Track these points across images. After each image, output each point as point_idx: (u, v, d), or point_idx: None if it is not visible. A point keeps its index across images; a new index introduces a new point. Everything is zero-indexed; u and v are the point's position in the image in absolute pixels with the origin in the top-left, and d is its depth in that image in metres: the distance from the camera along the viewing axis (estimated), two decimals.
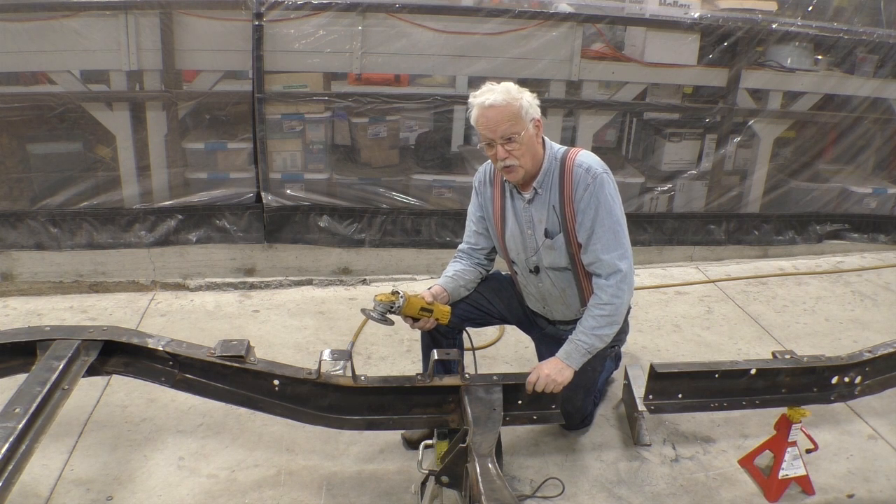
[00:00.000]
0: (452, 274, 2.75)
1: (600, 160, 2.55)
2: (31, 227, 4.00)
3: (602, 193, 2.46)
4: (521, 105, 2.39)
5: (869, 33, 4.64)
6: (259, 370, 2.34)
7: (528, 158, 2.46)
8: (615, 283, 2.48)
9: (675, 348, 3.69)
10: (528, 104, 2.41)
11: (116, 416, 2.97)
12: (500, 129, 2.39)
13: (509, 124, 2.38)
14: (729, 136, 4.63)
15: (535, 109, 2.44)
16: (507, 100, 2.37)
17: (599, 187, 2.46)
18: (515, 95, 2.39)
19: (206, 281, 4.20)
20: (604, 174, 2.48)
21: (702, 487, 2.71)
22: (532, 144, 2.46)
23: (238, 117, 4.15)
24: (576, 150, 2.56)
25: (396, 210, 4.32)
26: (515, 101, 2.38)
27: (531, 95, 2.45)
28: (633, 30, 4.42)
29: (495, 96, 2.37)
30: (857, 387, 2.70)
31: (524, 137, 2.41)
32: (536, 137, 2.48)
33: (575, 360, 2.50)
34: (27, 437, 1.84)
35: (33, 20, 3.69)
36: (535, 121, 2.45)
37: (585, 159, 2.51)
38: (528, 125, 2.42)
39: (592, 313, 2.51)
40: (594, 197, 2.46)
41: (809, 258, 4.97)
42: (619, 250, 2.49)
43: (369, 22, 3.94)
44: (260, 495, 2.57)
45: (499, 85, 2.42)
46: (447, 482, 2.23)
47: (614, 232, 2.48)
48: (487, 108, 2.38)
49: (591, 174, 2.47)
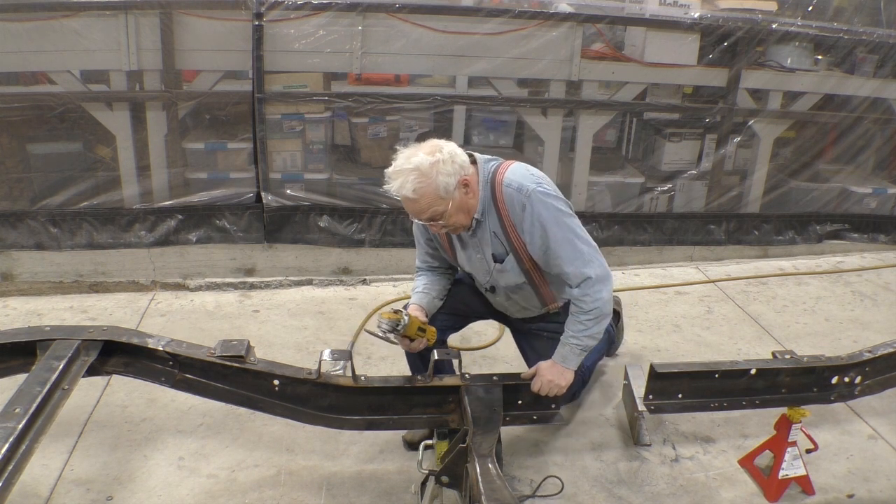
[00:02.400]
0: (423, 288, 2.69)
1: (529, 170, 2.42)
2: (31, 227, 4.00)
3: (542, 209, 2.34)
4: (438, 185, 2.25)
5: (869, 33, 4.64)
6: (259, 370, 2.34)
7: (462, 216, 2.38)
8: (589, 289, 2.38)
9: (675, 348, 3.69)
10: (448, 176, 2.26)
11: (116, 416, 2.97)
12: (423, 216, 2.33)
13: (431, 210, 2.30)
14: (729, 136, 4.63)
15: (455, 175, 2.28)
16: (420, 189, 2.24)
17: (537, 204, 2.33)
18: (429, 176, 2.24)
19: (206, 281, 4.20)
20: (535, 189, 2.34)
21: (702, 487, 2.71)
22: (462, 204, 2.36)
23: (238, 117, 4.15)
24: (504, 168, 2.41)
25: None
26: (430, 186, 2.25)
27: (450, 154, 2.28)
28: (633, 30, 4.42)
29: (408, 187, 2.24)
30: (857, 387, 2.70)
31: (451, 209, 2.32)
32: (467, 194, 2.36)
33: (572, 361, 2.49)
34: (27, 437, 1.84)
35: (33, 20, 3.69)
36: (461, 182, 2.32)
37: (513, 177, 2.37)
38: (453, 195, 2.30)
39: (578, 319, 2.44)
40: (535, 216, 2.35)
41: (809, 258, 4.97)
42: (580, 258, 2.37)
43: (369, 22, 3.94)
44: (260, 495, 2.57)
45: (411, 161, 2.26)
46: (447, 482, 2.23)
47: (569, 242, 2.37)
48: (403, 199, 2.30)
49: (522, 193, 2.34)
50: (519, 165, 2.44)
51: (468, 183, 2.34)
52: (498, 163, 2.46)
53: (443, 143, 2.34)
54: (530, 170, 2.44)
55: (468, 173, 2.35)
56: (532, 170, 2.44)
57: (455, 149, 2.35)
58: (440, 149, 2.30)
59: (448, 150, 2.31)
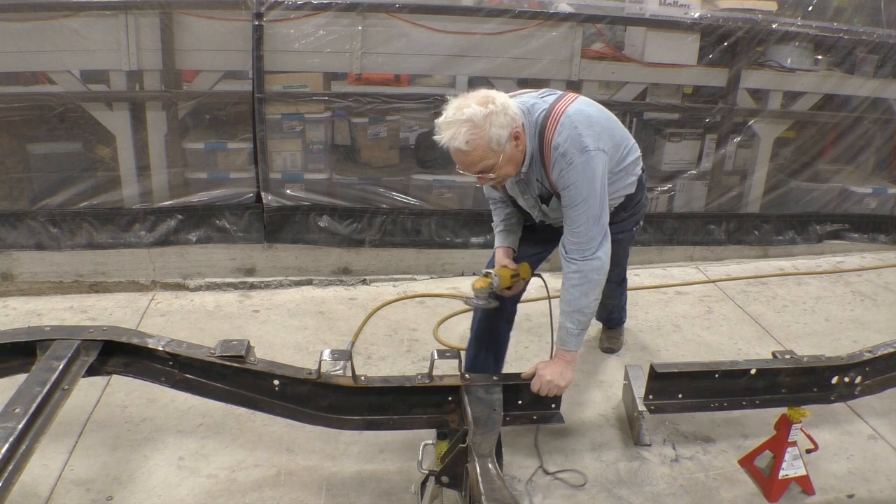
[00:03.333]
0: (502, 225, 2.80)
1: (577, 128, 2.33)
2: (31, 227, 4.00)
3: (579, 179, 2.33)
4: (491, 137, 2.21)
5: (869, 33, 4.63)
6: (259, 370, 2.34)
7: (511, 167, 2.37)
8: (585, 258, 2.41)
9: (675, 348, 3.69)
10: (501, 128, 2.22)
11: (116, 416, 2.97)
12: (473, 168, 2.30)
13: (482, 163, 2.27)
14: (729, 136, 4.63)
15: (508, 126, 2.25)
16: (473, 140, 2.19)
17: (578, 173, 2.33)
18: (482, 128, 2.19)
19: (206, 281, 4.20)
20: (577, 160, 2.31)
21: (702, 487, 2.71)
22: (513, 157, 2.34)
23: (238, 117, 4.14)
24: (554, 119, 2.35)
25: (396, 210, 4.32)
26: (483, 138, 2.20)
27: (502, 106, 2.23)
28: (633, 30, 4.41)
29: (460, 139, 2.19)
30: (857, 387, 2.70)
31: (502, 161, 2.29)
32: (518, 146, 2.33)
33: (573, 343, 2.49)
34: (27, 437, 1.83)
35: (33, 20, 3.69)
36: (513, 135, 2.28)
37: (559, 139, 2.33)
38: (505, 148, 2.27)
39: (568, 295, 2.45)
40: (573, 183, 2.35)
41: (809, 258, 4.97)
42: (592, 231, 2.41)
43: (369, 22, 3.94)
44: (260, 495, 2.57)
45: (463, 112, 2.19)
46: (447, 482, 2.23)
47: (586, 218, 2.38)
48: (454, 151, 2.25)
49: (566, 159, 2.32)
50: (568, 120, 2.34)
51: (519, 136, 2.31)
52: (547, 110, 2.37)
53: (494, 94, 2.29)
54: (578, 124, 2.34)
55: (518, 125, 2.31)
56: (579, 120, 2.35)
57: (507, 100, 2.30)
58: (493, 100, 2.24)
59: (500, 102, 2.25)
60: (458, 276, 4.47)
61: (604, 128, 2.44)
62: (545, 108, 2.39)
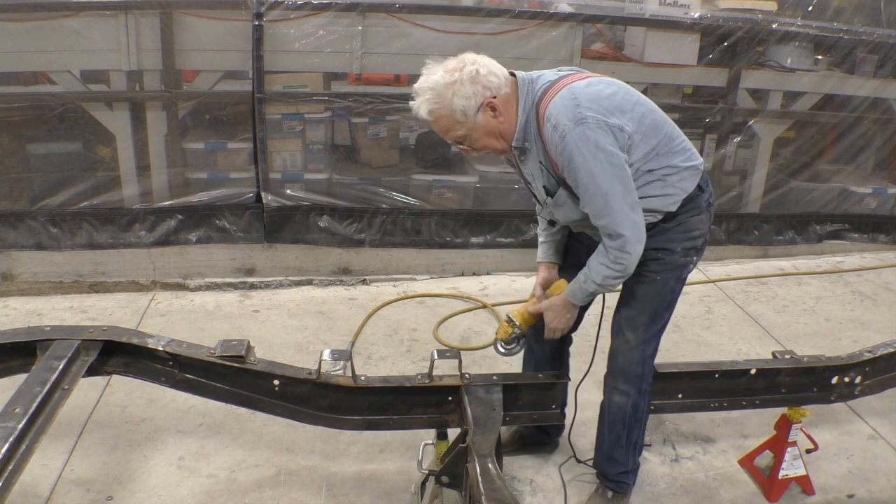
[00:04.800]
0: (545, 235, 2.49)
1: (577, 98, 2.03)
2: (31, 227, 3.99)
3: (574, 153, 2.01)
4: (454, 107, 2.03)
5: (869, 33, 4.64)
6: (259, 370, 2.34)
7: (492, 140, 2.13)
8: (619, 247, 2.10)
9: (675, 348, 3.69)
10: (465, 98, 2.02)
11: (116, 416, 2.97)
12: (445, 136, 2.14)
13: (451, 134, 2.10)
14: (729, 136, 4.63)
15: (476, 97, 2.03)
16: (435, 110, 2.04)
17: (570, 147, 2.01)
18: (444, 97, 2.03)
19: (206, 281, 4.20)
20: (571, 129, 1.99)
21: (702, 487, 2.71)
22: (490, 128, 2.09)
23: (238, 117, 4.15)
24: (551, 94, 2.08)
25: (396, 210, 4.32)
26: (445, 108, 2.03)
27: (471, 74, 2.02)
28: (633, 30, 4.42)
29: (423, 108, 2.05)
30: (857, 387, 2.70)
31: (475, 131, 2.09)
32: (496, 117, 2.08)
33: (578, 297, 2.29)
34: (27, 437, 1.83)
35: (33, 20, 3.69)
36: (486, 104, 2.05)
37: (553, 110, 2.04)
38: (475, 118, 2.05)
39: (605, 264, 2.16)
40: (568, 160, 2.04)
41: (809, 258, 4.97)
42: (609, 216, 2.07)
43: (369, 22, 3.94)
44: (260, 495, 2.57)
45: (429, 79, 2.04)
46: (447, 482, 2.22)
47: (601, 196, 2.05)
48: (421, 120, 2.10)
49: (558, 132, 2.02)
50: (568, 91, 2.06)
51: (495, 106, 2.06)
52: (553, 81, 2.12)
53: (469, 60, 2.07)
54: (579, 96, 2.04)
55: (498, 94, 2.07)
56: (583, 94, 2.05)
57: (482, 67, 2.06)
58: (462, 67, 2.05)
59: (471, 69, 2.04)
60: (458, 276, 4.47)
61: (619, 107, 2.07)
62: (552, 79, 2.14)
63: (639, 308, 2.35)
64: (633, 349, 2.38)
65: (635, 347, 2.37)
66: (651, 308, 2.34)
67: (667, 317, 2.40)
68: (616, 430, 2.48)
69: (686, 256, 2.30)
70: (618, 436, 2.47)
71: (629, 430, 2.46)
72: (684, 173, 2.21)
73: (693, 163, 2.23)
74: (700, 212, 2.28)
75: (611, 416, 2.49)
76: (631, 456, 2.52)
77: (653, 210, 2.20)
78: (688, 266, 2.33)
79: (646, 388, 2.44)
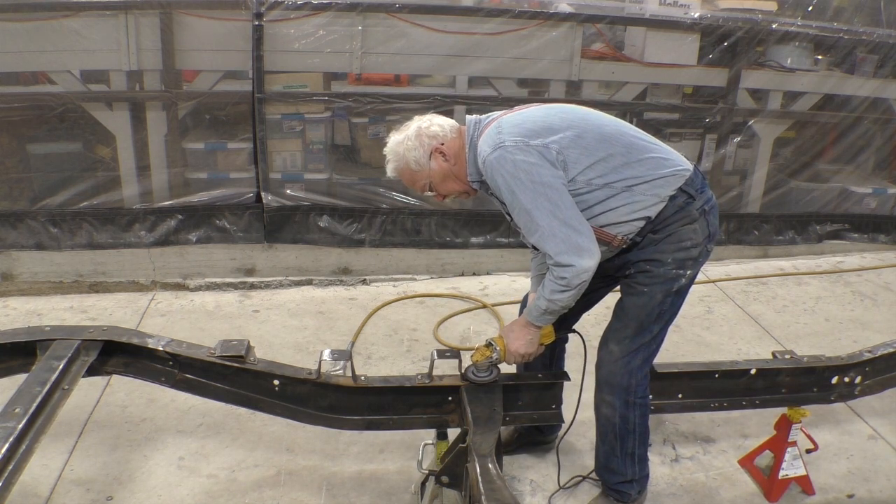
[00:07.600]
0: (538, 270, 2.55)
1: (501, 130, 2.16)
2: (31, 227, 4.00)
3: (497, 177, 2.13)
4: (408, 161, 2.26)
5: (869, 33, 4.64)
6: (259, 370, 2.34)
7: (453, 183, 2.31)
8: (554, 264, 2.14)
9: (675, 348, 3.69)
10: (414, 150, 2.25)
11: (116, 416, 2.97)
12: (415, 188, 2.38)
13: (417, 184, 2.33)
14: (729, 136, 4.63)
15: (422, 147, 2.24)
16: (398, 168, 2.31)
17: (493, 172, 2.14)
18: (399, 155, 2.28)
19: (206, 281, 4.20)
20: (489, 156, 2.14)
21: (702, 487, 2.71)
22: (444, 172, 2.28)
23: (238, 117, 4.15)
24: (485, 128, 2.24)
25: (396, 210, 4.32)
26: (402, 163, 2.28)
27: (416, 130, 2.26)
28: (633, 30, 4.42)
29: (389, 167, 2.33)
30: (857, 387, 2.70)
31: (433, 177, 2.29)
32: (447, 161, 2.27)
33: (533, 315, 2.30)
34: (27, 437, 1.83)
35: (33, 20, 3.70)
36: (435, 151, 2.25)
37: (481, 143, 2.20)
38: (428, 166, 2.26)
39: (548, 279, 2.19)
40: (493, 184, 2.18)
41: (809, 258, 4.97)
42: (537, 232, 2.13)
43: (369, 22, 3.94)
44: (260, 495, 2.57)
45: (388, 145, 2.31)
46: (447, 482, 2.22)
47: (527, 213, 2.12)
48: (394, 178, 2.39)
49: (481, 160, 2.18)
50: (496, 123, 2.21)
51: (443, 152, 2.26)
52: (491, 120, 2.28)
53: (416, 119, 2.33)
54: (503, 125, 2.18)
55: (445, 141, 2.27)
56: (507, 122, 2.20)
57: (424, 122, 2.29)
58: (408, 127, 2.32)
59: (415, 126, 2.29)
60: (458, 276, 4.47)
61: (548, 128, 2.16)
62: (494, 116, 2.30)
63: (625, 320, 2.35)
64: (616, 361, 2.37)
65: (619, 359, 2.36)
66: (637, 320, 2.32)
67: (656, 329, 2.35)
68: (608, 440, 2.46)
69: (679, 269, 2.26)
70: (611, 446, 2.46)
71: (622, 441, 2.43)
72: (657, 182, 2.21)
73: (666, 170, 2.23)
74: (691, 221, 2.24)
75: (601, 427, 2.48)
76: (630, 466, 2.47)
77: (625, 221, 2.21)
78: (679, 279, 2.27)
79: (636, 401, 2.40)
